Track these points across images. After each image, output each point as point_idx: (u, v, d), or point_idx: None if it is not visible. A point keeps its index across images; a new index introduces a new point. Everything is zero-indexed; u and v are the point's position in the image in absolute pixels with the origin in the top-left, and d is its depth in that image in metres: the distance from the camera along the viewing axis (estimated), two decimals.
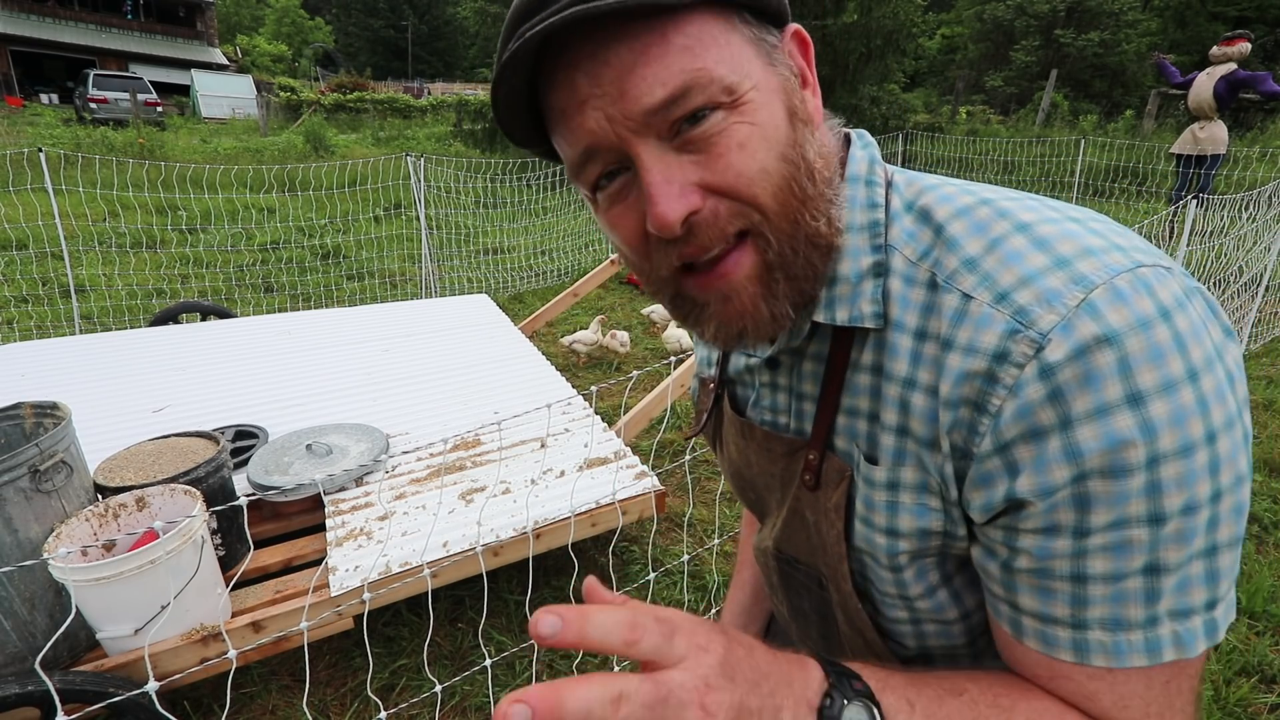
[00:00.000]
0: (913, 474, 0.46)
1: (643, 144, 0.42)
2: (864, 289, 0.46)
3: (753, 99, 0.42)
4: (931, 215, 0.46)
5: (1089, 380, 0.37)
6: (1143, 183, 8.10)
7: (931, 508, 0.46)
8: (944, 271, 0.44)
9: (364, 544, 1.78)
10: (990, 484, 0.41)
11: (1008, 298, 0.40)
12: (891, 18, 9.79)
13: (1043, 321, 0.38)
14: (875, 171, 0.49)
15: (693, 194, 0.42)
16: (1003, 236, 0.42)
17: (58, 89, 22.51)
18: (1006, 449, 0.40)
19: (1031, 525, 0.40)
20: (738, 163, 0.42)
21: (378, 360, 3.04)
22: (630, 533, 2.42)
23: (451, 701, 1.77)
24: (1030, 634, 0.43)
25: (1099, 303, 0.37)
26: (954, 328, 0.42)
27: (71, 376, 2.75)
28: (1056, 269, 0.39)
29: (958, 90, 15.75)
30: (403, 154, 5.41)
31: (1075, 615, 0.40)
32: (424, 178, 5.27)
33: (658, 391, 2.48)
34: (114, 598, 1.39)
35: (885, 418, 0.47)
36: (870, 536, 0.50)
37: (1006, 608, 0.44)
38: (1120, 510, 0.37)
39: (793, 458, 0.56)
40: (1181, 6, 19.41)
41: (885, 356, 0.46)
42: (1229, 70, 5.76)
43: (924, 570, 0.49)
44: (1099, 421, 0.37)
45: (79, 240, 5.89)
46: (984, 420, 0.40)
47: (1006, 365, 0.39)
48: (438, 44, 41.86)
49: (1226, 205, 3.82)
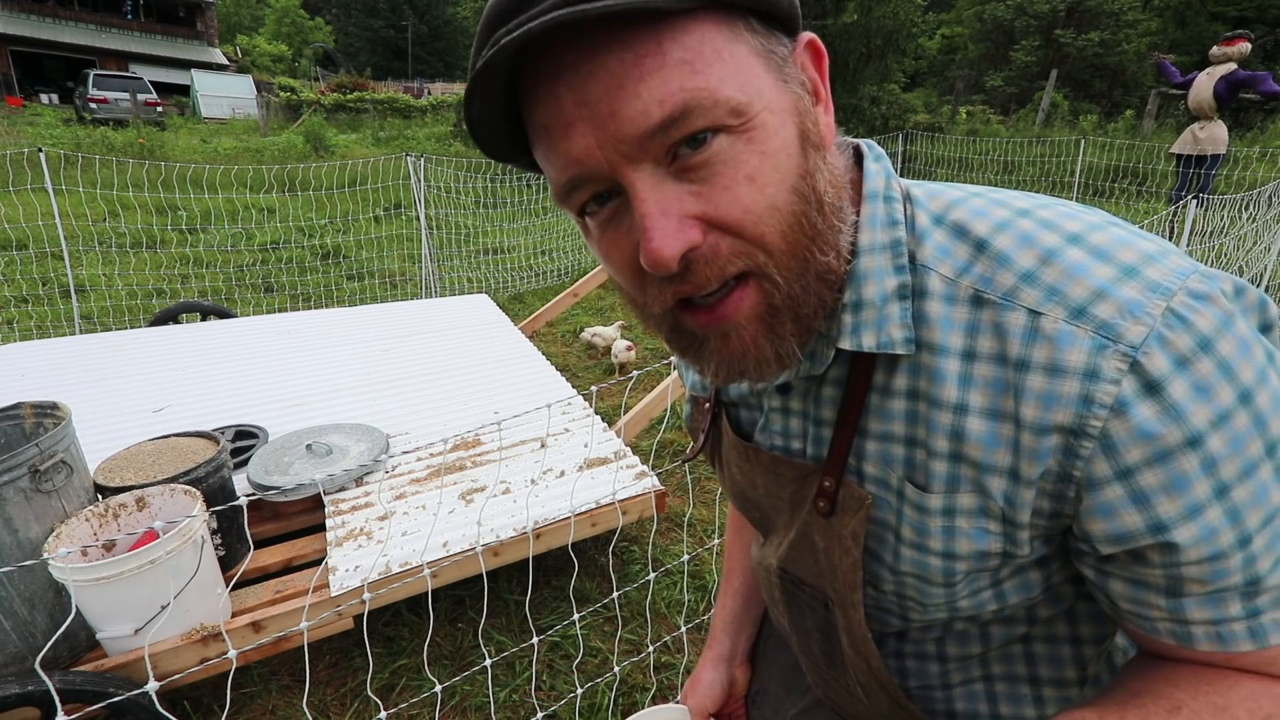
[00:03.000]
0: (970, 499, 0.44)
1: (636, 171, 0.38)
2: (890, 312, 0.44)
3: (764, 122, 0.38)
4: (968, 230, 0.43)
5: (1201, 391, 0.36)
6: (1143, 183, 8.10)
7: (991, 531, 0.45)
8: (997, 289, 0.41)
9: (364, 544, 1.78)
10: (1114, 514, 0.40)
11: (1086, 313, 0.38)
12: (891, 18, 9.82)
13: (1131, 334, 0.37)
14: (892, 187, 0.46)
15: (691, 228, 0.38)
16: (1056, 249, 0.40)
17: (58, 89, 22.50)
18: (1129, 475, 0.38)
19: (1197, 556, 0.39)
20: (745, 198, 0.38)
21: (378, 360, 3.04)
22: (630, 533, 2.42)
23: (451, 701, 1.77)
24: (1203, 639, 0.42)
25: (1181, 310, 0.37)
26: (1027, 347, 0.39)
27: (71, 376, 2.75)
28: (1128, 278, 0.38)
29: (958, 90, 15.74)
30: (403, 154, 5.41)
31: (1248, 607, 0.40)
32: (424, 178, 5.27)
33: (658, 391, 2.48)
34: (114, 598, 1.39)
35: (935, 445, 0.44)
36: (923, 560, 0.48)
37: (1169, 624, 0.43)
38: (1265, 507, 0.38)
39: (804, 482, 0.54)
40: (1181, 6, 19.40)
41: (925, 381, 0.44)
42: (1229, 70, 5.76)
43: (975, 579, 0.49)
44: (1222, 429, 0.37)
45: (79, 240, 5.89)
46: (1085, 444, 0.38)
47: (1101, 383, 0.37)
48: (438, 44, 41.84)
49: (1226, 205, 3.82)
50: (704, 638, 2.01)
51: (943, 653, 0.57)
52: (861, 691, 0.60)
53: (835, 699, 0.67)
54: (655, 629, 1.99)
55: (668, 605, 2.12)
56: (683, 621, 1.99)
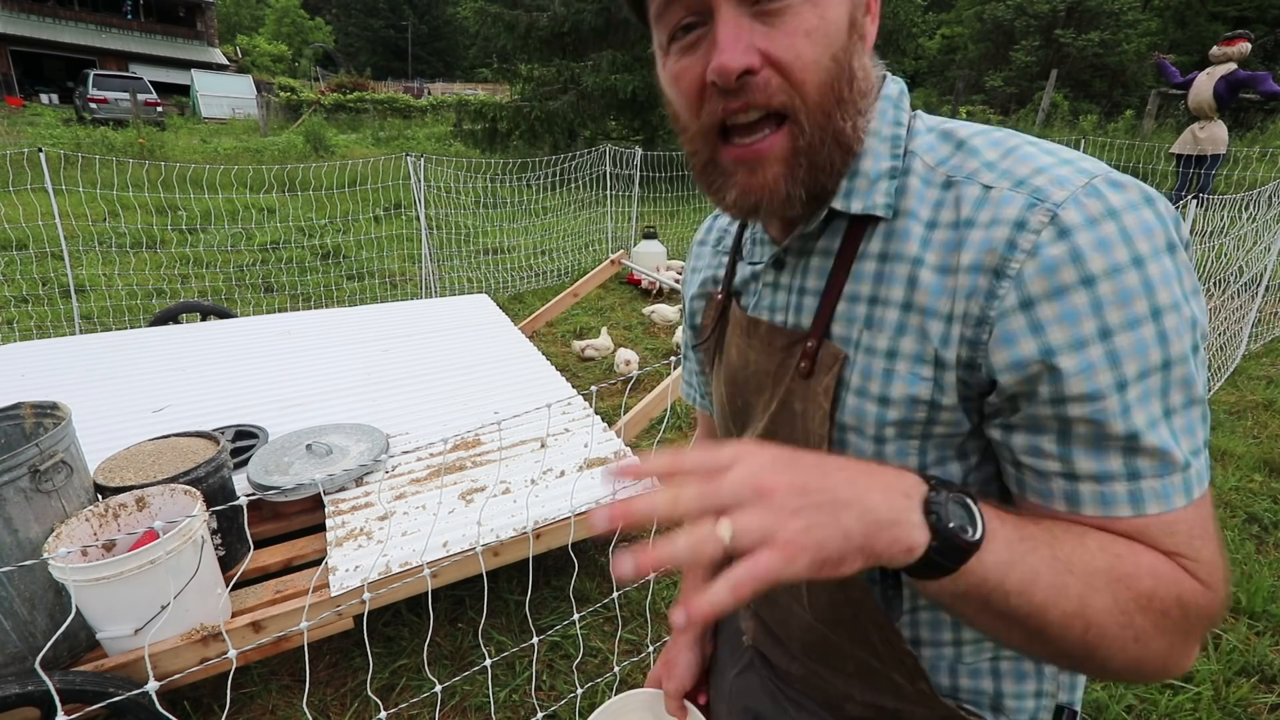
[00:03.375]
0: (911, 344, 0.51)
1: (725, 2, 0.47)
2: (880, 185, 0.53)
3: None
4: (954, 134, 0.53)
5: (1101, 245, 0.43)
6: (1143, 182, 8.09)
7: (923, 376, 0.50)
8: (963, 172, 0.50)
9: (364, 544, 1.78)
10: (1014, 342, 0.45)
11: (1025, 182, 0.46)
12: (891, 17, 9.81)
13: (1056, 195, 0.45)
14: (903, 100, 0.56)
15: (754, 55, 0.47)
16: (1016, 146, 0.50)
17: (58, 89, 22.48)
18: (1030, 306, 0.44)
19: (1078, 390, 0.44)
20: (799, 45, 0.47)
21: (378, 360, 3.04)
22: (630, 533, 2.42)
23: (451, 701, 1.78)
24: (1089, 500, 0.46)
25: (1100, 186, 0.45)
26: (975, 210, 0.48)
27: (71, 376, 2.75)
28: (1065, 164, 0.47)
29: (958, 90, 15.74)
30: (403, 154, 5.41)
31: (1128, 465, 0.44)
32: (424, 178, 5.26)
33: (658, 391, 2.48)
34: (114, 598, 1.39)
35: (890, 295, 0.52)
36: (861, 406, 0.54)
37: (1062, 482, 0.47)
38: (1142, 360, 0.43)
39: (790, 350, 0.60)
40: (1181, 6, 19.40)
41: (894, 242, 0.52)
42: (1229, 70, 5.76)
43: (904, 451, 0.53)
44: (1114, 279, 0.43)
45: (79, 240, 5.89)
46: (1004, 284, 0.45)
47: (1025, 232, 0.45)
48: (438, 44, 41.86)
49: (1226, 205, 3.82)
50: None
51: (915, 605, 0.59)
52: (805, 584, 0.62)
53: (772, 618, 0.70)
54: (655, 629, 1.99)
55: (668, 605, 2.12)
56: None
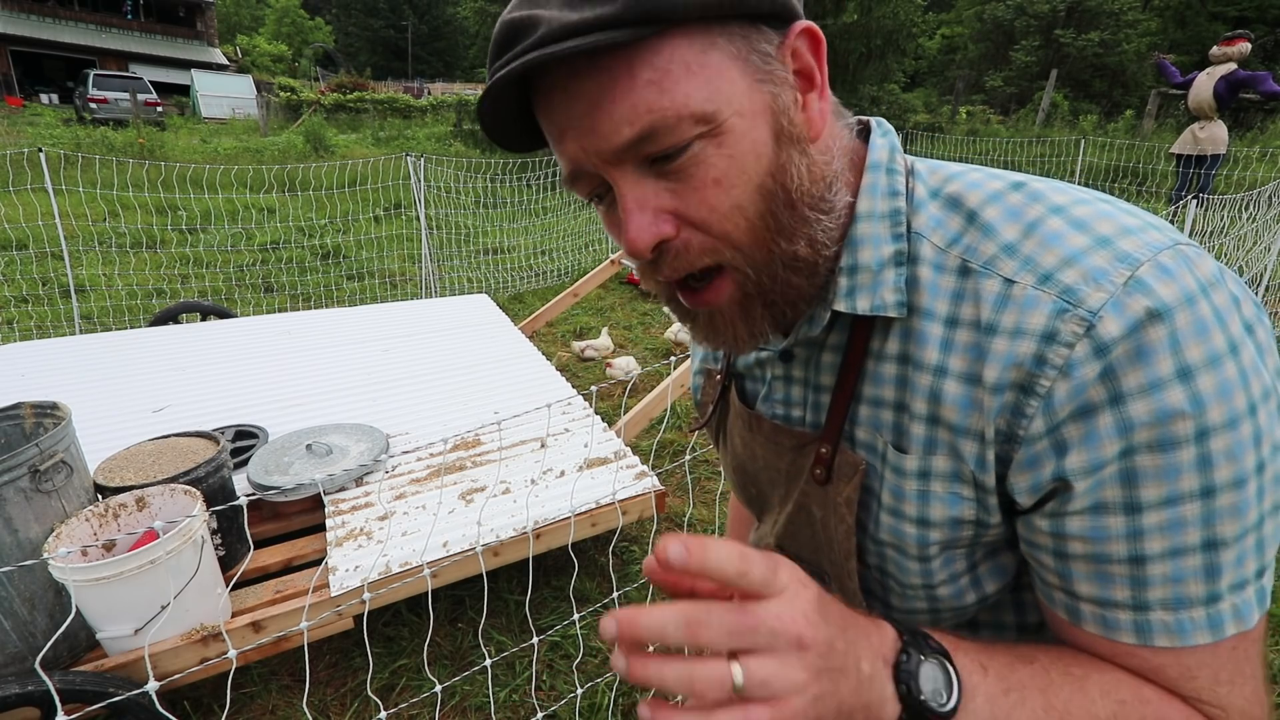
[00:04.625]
0: (945, 463, 0.45)
1: (619, 172, 0.42)
2: (885, 277, 0.46)
3: (733, 126, 0.41)
4: (962, 202, 0.45)
5: (1141, 355, 0.36)
6: (1143, 183, 8.10)
7: (964, 496, 0.45)
8: (980, 257, 0.43)
9: (364, 544, 1.78)
10: (1037, 465, 0.41)
11: (1052, 278, 0.39)
12: (891, 18, 9.81)
13: (1091, 299, 0.37)
14: (896, 160, 0.48)
15: (665, 222, 0.43)
16: (1039, 220, 0.41)
17: (58, 89, 22.49)
18: (1056, 429, 0.39)
19: (1079, 506, 0.40)
20: (711, 198, 0.42)
21: (378, 360, 3.04)
22: (630, 533, 2.42)
23: (451, 701, 1.78)
24: (1089, 619, 0.42)
25: (1147, 279, 0.37)
26: (997, 313, 0.41)
27: (71, 376, 2.75)
28: (1099, 248, 0.39)
29: (958, 90, 15.75)
30: (403, 154, 5.41)
31: (1136, 597, 0.40)
32: (424, 178, 5.26)
33: (658, 391, 2.48)
34: (114, 598, 1.39)
35: (914, 407, 0.46)
36: (899, 528, 0.49)
37: (1062, 595, 0.44)
38: (1173, 485, 0.37)
39: (801, 452, 0.55)
40: (1181, 6, 19.40)
41: (913, 345, 0.46)
42: (1229, 70, 5.76)
43: (951, 560, 0.49)
44: (1151, 396, 0.36)
45: (79, 240, 5.88)
46: (1032, 403, 0.40)
47: (1055, 345, 0.38)
48: (438, 44, 41.83)
49: (1226, 205, 3.82)
50: None
51: None
52: None
53: None
54: None
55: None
56: None
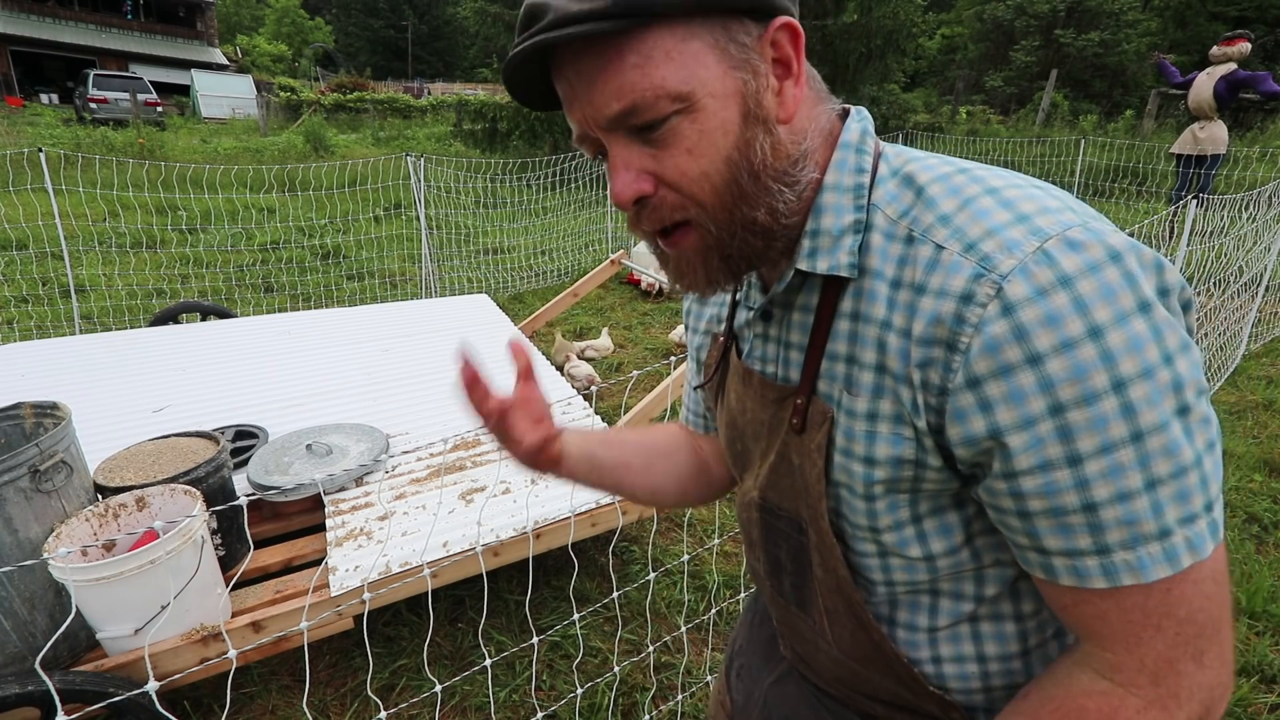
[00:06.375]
0: (889, 406, 0.51)
1: (611, 138, 0.50)
2: (843, 243, 0.52)
3: (705, 106, 0.48)
4: (914, 180, 0.51)
5: (1051, 319, 0.41)
6: (1143, 183, 8.09)
7: (905, 436, 0.51)
8: (920, 226, 0.49)
9: (364, 544, 1.78)
10: (966, 420, 0.46)
11: (975, 247, 0.45)
12: (891, 18, 9.80)
13: (1003, 265, 0.43)
14: (866, 142, 0.54)
15: (645, 181, 0.50)
16: (973, 197, 0.47)
17: (58, 89, 22.47)
18: (978, 384, 0.44)
19: (1027, 465, 0.44)
20: (683, 164, 0.49)
21: (378, 360, 3.04)
22: (630, 532, 2.42)
23: (451, 701, 1.78)
24: (1064, 573, 0.46)
25: (1053, 250, 0.42)
26: (927, 275, 0.47)
27: (71, 376, 2.75)
28: (1018, 223, 0.44)
29: (958, 90, 15.75)
30: (403, 154, 5.41)
31: (1097, 542, 0.44)
32: (424, 178, 5.26)
33: (658, 391, 2.47)
34: (114, 598, 1.39)
35: (863, 357, 0.52)
36: (849, 466, 0.54)
37: (1036, 555, 0.47)
38: (1104, 434, 0.42)
39: (782, 404, 0.60)
40: (1181, 6, 19.40)
41: (864, 303, 0.52)
42: (1229, 70, 5.76)
43: (895, 505, 0.54)
44: (1064, 354, 0.41)
45: (79, 240, 5.88)
46: (955, 358, 0.45)
47: (972, 305, 0.44)
48: (438, 44, 41.83)
49: (1226, 205, 3.81)
50: (704, 637, 2.01)
51: (893, 617, 0.60)
52: (828, 624, 0.64)
53: (802, 650, 0.71)
54: (655, 629, 1.99)
55: (668, 605, 2.12)
56: (683, 621, 1.99)
